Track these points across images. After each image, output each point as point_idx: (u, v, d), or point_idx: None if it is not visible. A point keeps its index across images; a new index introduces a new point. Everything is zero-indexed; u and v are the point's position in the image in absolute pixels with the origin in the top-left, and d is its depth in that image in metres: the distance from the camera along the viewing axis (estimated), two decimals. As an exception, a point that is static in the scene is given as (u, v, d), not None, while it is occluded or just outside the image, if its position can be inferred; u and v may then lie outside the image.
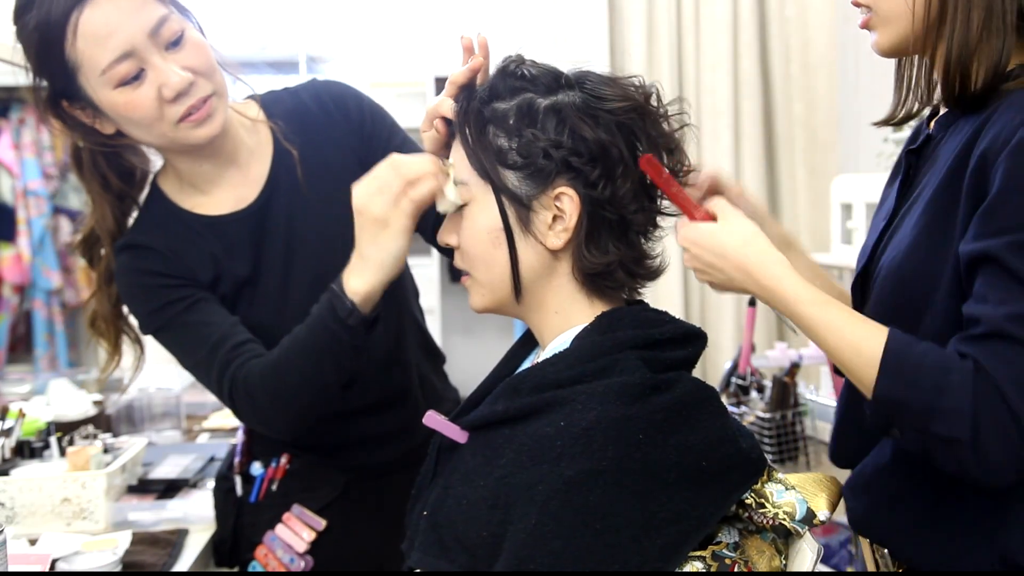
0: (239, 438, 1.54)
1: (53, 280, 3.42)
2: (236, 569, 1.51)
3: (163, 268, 1.32)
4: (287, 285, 1.37)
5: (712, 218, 1.05)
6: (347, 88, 1.46)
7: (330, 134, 1.41)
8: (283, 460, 1.48)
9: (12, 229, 3.38)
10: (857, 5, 1.07)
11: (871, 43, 1.07)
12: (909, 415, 0.93)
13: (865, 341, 0.94)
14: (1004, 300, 0.88)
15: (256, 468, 1.49)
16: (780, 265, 1.00)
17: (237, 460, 1.51)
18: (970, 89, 0.99)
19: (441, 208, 1.05)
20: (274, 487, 1.46)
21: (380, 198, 1.08)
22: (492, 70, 1.05)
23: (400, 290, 1.47)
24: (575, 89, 0.99)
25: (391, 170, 1.08)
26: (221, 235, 1.36)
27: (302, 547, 1.41)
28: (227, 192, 1.37)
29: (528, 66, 1.02)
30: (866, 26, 1.07)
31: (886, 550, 1.11)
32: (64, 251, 3.46)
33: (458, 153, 1.02)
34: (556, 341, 1.01)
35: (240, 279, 1.36)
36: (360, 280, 1.13)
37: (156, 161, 1.42)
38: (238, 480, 1.50)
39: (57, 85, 1.27)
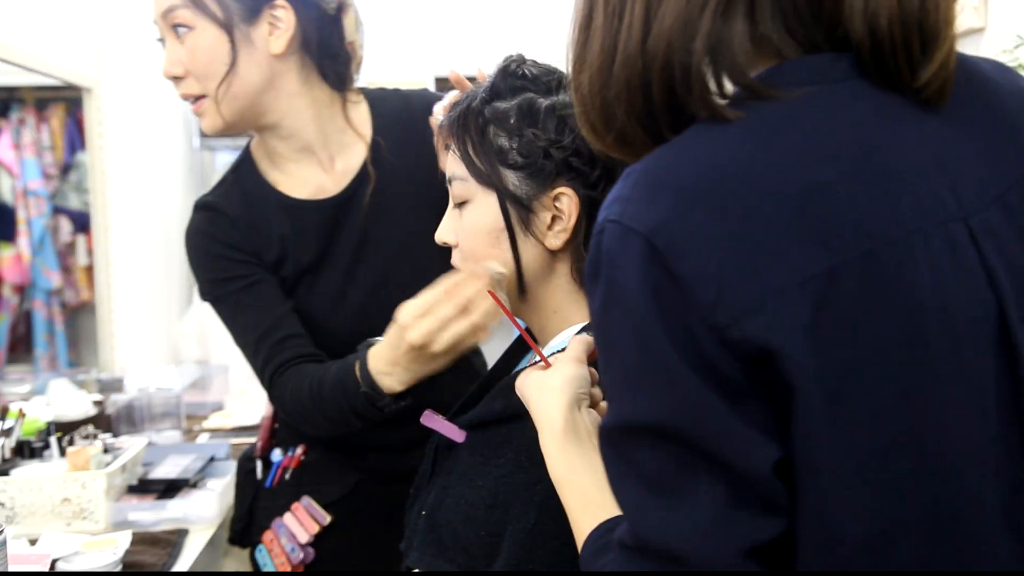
0: (263, 422, 1.57)
1: (53, 280, 3.42)
2: (237, 570, 1.51)
3: (232, 239, 1.38)
4: (349, 283, 1.40)
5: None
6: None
7: (425, 146, 1.41)
8: (299, 451, 1.49)
9: (12, 229, 3.38)
10: None
11: None
12: None
13: (579, 538, 0.76)
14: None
15: (276, 454, 1.51)
16: (549, 433, 0.82)
17: (259, 443, 1.54)
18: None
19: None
20: (287, 476, 1.48)
21: (446, 335, 1.08)
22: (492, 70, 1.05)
23: None
24: None
25: (456, 311, 1.07)
26: (295, 218, 1.39)
27: (305, 538, 1.42)
28: (305, 179, 1.41)
29: (529, 66, 1.02)
30: None
31: None
32: (64, 251, 3.46)
33: (455, 154, 1.02)
34: (554, 340, 1.01)
35: (303, 266, 1.40)
36: (398, 383, 1.17)
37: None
38: (259, 463, 1.52)
39: None
